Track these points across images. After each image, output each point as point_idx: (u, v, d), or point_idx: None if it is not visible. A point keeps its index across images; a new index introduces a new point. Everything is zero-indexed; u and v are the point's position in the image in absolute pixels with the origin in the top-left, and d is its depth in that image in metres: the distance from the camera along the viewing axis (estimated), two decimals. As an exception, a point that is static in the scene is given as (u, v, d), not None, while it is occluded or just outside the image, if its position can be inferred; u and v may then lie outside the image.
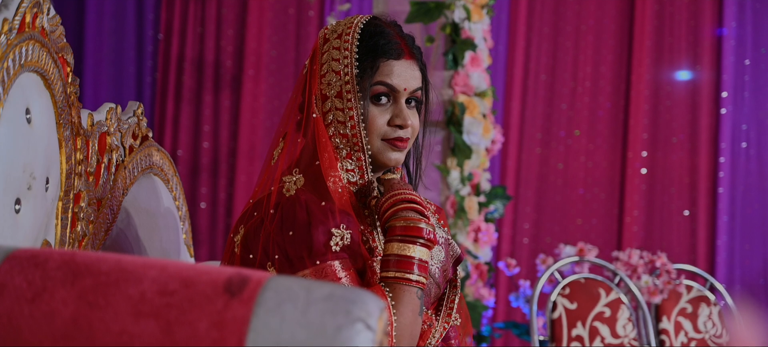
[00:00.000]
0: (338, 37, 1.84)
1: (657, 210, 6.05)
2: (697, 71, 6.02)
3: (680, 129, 6.03)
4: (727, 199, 5.92)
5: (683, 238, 5.99)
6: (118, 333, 1.07)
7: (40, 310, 1.09)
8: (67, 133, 1.67)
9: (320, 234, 1.70)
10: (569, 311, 3.99)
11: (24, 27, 1.49)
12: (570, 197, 6.13)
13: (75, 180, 1.72)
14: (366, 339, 1.03)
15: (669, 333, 4.20)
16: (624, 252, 4.28)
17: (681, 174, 6.03)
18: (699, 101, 6.01)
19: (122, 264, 1.12)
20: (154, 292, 1.08)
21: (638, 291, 4.12)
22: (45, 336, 1.08)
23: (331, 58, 1.83)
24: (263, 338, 1.04)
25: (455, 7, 4.32)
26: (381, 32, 1.84)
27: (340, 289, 1.08)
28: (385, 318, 1.08)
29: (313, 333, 1.03)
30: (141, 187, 2.09)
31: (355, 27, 1.84)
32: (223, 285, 1.08)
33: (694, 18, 6.03)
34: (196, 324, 1.06)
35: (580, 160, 6.12)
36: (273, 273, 1.22)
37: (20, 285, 1.11)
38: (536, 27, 6.14)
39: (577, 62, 6.13)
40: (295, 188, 1.76)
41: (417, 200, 1.78)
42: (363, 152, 1.83)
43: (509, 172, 6.03)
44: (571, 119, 6.13)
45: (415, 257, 1.72)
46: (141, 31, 6.17)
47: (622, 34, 6.10)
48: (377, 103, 1.83)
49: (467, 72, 4.36)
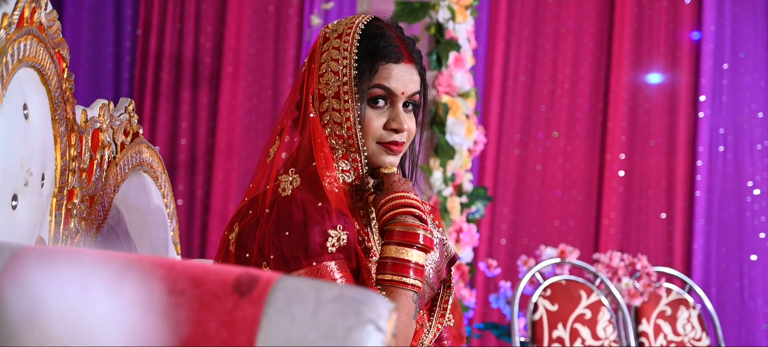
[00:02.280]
0: (338, 37, 1.83)
1: (634, 213, 6.08)
2: (675, 75, 6.06)
3: (658, 132, 6.07)
4: (704, 202, 5.95)
5: (660, 241, 6.03)
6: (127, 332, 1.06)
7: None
8: (61, 129, 1.66)
9: (317, 235, 1.69)
10: (550, 312, 3.99)
11: (22, 22, 1.47)
12: (547, 199, 6.15)
13: (69, 176, 1.70)
14: (377, 340, 1.03)
15: (648, 336, 4.22)
16: (605, 254, 4.30)
17: (658, 177, 6.07)
18: (677, 104, 6.04)
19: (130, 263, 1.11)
20: (163, 291, 1.07)
21: (619, 294, 4.14)
22: (52, 334, 1.07)
23: (330, 57, 1.81)
24: (274, 338, 1.04)
25: (440, 8, 4.32)
26: (382, 34, 1.84)
27: (350, 290, 1.07)
28: (394, 319, 1.08)
29: (323, 333, 1.03)
30: (131, 184, 2.07)
31: (356, 27, 1.83)
32: (232, 284, 1.07)
33: (673, 22, 6.07)
34: (206, 324, 1.05)
35: (558, 161, 6.14)
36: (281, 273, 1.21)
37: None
38: (516, 28, 6.15)
39: (556, 64, 6.15)
40: (291, 188, 1.75)
41: (416, 205, 1.78)
42: (359, 154, 1.82)
43: (487, 173, 6.04)
44: (549, 121, 6.15)
45: (411, 261, 1.72)
46: (119, 26, 6.13)
47: (601, 37, 6.13)
48: (374, 105, 1.82)
49: (451, 72, 4.36)
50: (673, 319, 4.31)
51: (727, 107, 6.01)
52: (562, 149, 6.13)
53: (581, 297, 4.08)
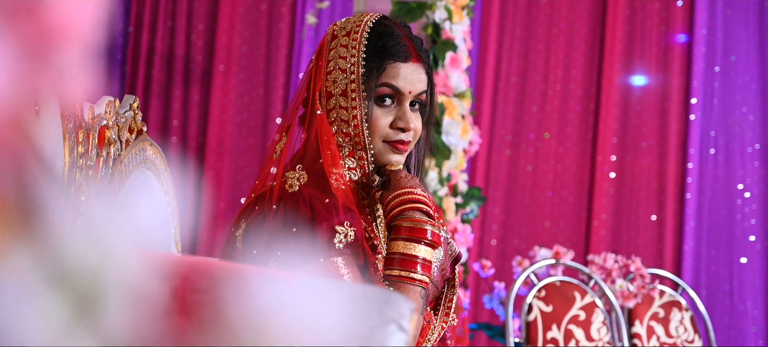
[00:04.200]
0: (347, 35, 1.83)
1: (625, 215, 6.09)
2: (666, 77, 6.06)
3: (649, 134, 6.07)
4: (695, 205, 5.96)
5: (650, 243, 6.03)
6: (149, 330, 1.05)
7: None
8: (70, 125, 1.65)
9: (324, 231, 1.69)
10: (544, 313, 4.00)
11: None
12: (538, 200, 6.15)
13: (77, 174, 1.69)
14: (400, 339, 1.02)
15: (641, 337, 4.23)
16: (599, 256, 4.31)
17: (649, 179, 6.07)
18: (668, 106, 6.05)
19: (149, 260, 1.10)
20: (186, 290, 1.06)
21: (612, 295, 4.14)
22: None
23: (338, 55, 1.82)
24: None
25: (437, 8, 4.32)
26: (390, 33, 1.84)
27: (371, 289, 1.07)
28: (416, 319, 1.07)
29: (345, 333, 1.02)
30: (135, 181, 2.06)
31: (364, 26, 1.83)
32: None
33: (665, 24, 6.08)
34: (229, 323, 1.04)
35: (549, 163, 6.14)
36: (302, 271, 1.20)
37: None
38: (508, 29, 6.15)
39: (548, 65, 6.15)
40: (299, 184, 1.75)
41: (423, 201, 1.78)
42: (365, 152, 1.83)
43: (479, 173, 6.04)
44: (541, 122, 6.15)
45: (419, 256, 1.72)
46: (111, 23, 6.11)
47: (593, 39, 6.13)
48: (381, 104, 1.83)
49: (447, 73, 4.36)
50: (665, 321, 4.32)
51: (718, 109, 6.02)
52: (553, 151, 6.13)
53: (575, 298, 4.08)
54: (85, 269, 0.65)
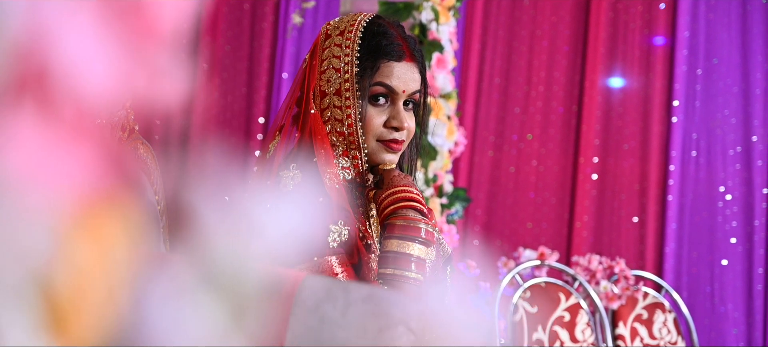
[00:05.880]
0: (340, 34, 1.83)
1: (607, 216, 6.10)
2: (649, 79, 6.07)
3: (631, 136, 6.09)
4: (676, 207, 5.97)
5: (632, 244, 6.04)
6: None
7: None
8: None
9: (317, 230, 1.68)
10: (530, 314, 4.00)
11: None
12: (521, 201, 6.15)
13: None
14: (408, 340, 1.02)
15: (625, 339, 4.24)
16: (584, 257, 4.31)
17: (631, 181, 6.08)
18: (650, 108, 6.06)
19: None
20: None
21: (597, 297, 4.15)
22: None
23: (331, 54, 1.82)
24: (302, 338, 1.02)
25: (423, 9, 4.32)
26: (384, 32, 1.84)
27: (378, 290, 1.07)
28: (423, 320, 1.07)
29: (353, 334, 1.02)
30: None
31: (358, 25, 1.84)
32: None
33: (648, 27, 6.09)
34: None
35: (531, 164, 6.14)
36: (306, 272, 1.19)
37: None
38: (491, 30, 6.15)
39: (531, 67, 6.15)
40: (293, 184, 1.74)
41: (417, 199, 1.78)
42: (359, 151, 1.83)
43: (461, 174, 6.04)
44: (524, 123, 6.15)
45: (413, 254, 1.72)
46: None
47: (576, 41, 6.14)
48: (375, 103, 1.83)
49: (433, 73, 4.36)
50: (649, 323, 4.33)
51: (701, 112, 6.04)
52: (535, 152, 6.14)
53: (560, 299, 4.09)
54: (236, 270, 0.66)
